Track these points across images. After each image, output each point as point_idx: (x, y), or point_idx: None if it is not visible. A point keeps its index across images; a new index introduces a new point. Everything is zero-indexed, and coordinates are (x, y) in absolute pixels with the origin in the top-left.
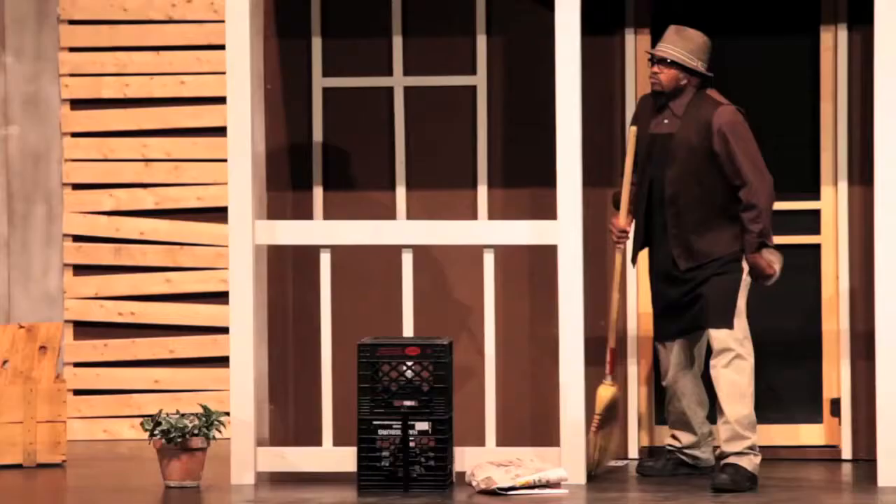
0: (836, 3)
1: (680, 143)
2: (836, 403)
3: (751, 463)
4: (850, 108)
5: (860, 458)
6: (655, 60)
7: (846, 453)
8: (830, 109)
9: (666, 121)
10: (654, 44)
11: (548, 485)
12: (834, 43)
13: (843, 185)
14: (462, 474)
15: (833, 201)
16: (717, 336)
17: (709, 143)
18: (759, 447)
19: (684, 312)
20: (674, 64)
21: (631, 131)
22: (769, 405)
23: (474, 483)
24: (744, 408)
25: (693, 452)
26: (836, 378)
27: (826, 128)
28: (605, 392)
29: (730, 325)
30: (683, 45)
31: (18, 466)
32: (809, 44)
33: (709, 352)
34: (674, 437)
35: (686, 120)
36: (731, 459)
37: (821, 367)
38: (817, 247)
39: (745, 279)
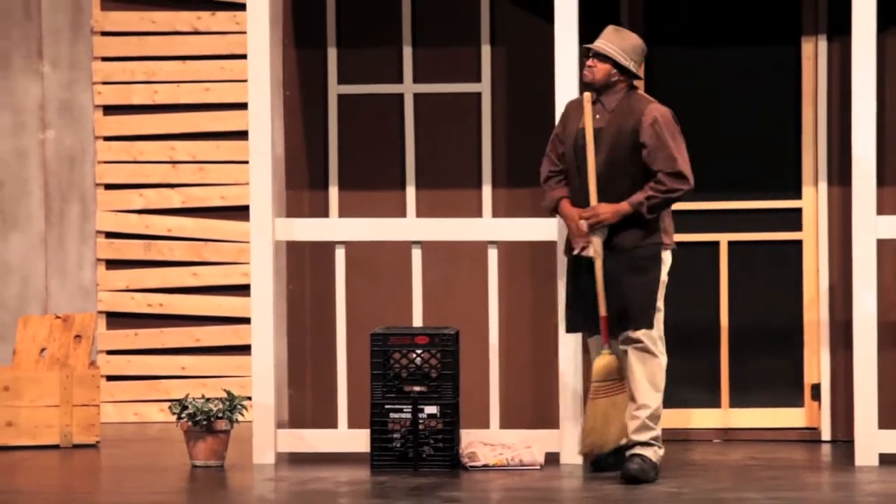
0: (816, 15)
1: (607, 136)
2: (816, 388)
3: (655, 455)
4: (830, 113)
5: (839, 440)
6: (591, 54)
7: (826, 435)
8: (811, 114)
9: (597, 116)
10: (647, 53)
11: (521, 465)
12: (815, 52)
13: (823, 186)
14: None
15: (814, 200)
16: (635, 333)
17: (636, 136)
18: (745, 429)
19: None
20: (607, 59)
21: (587, 107)
22: (754, 390)
23: (464, 456)
24: (654, 402)
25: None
26: (817, 365)
27: (807, 131)
28: (601, 360)
29: (650, 326)
30: (619, 44)
31: (55, 447)
32: (792, 53)
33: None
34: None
35: (616, 115)
36: (638, 450)
37: (802, 355)
38: (799, 243)
39: (664, 279)
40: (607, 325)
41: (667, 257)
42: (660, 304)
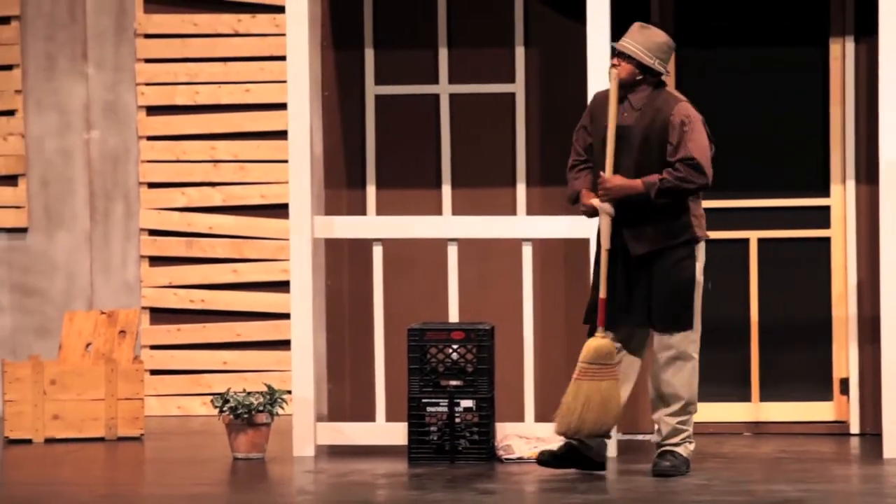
0: (844, 17)
1: (637, 134)
2: (844, 382)
3: (686, 450)
4: (857, 112)
5: (867, 433)
6: (615, 53)
7: (854, 428)
8: (839, 114)
9: (625, 114)
10: (677, 54)
11: None
12: (842, 53)
13: (851, 184)
14: None
15: (842, 198)
16: (673, 337)
17: (665, 134)
18: (775, 423)
19: (631, 302)
20: (631, 58)
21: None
22: (784, 384)
23: (499, 448)
24: (692, 407)
25: (592, 443)
26: (845, 359)
27: (835, 131)
28: (594, 342)
29: (690, 327)
30: (643, 42)
31: (101, 439)
32: (820, 54)
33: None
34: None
35: (644, 112)
36: (669, 447)
37: (831, 350)
38: (827, 240)
39: (699, 279)
40: (605, 308)
41: (700, 253)
42: (697, 303)
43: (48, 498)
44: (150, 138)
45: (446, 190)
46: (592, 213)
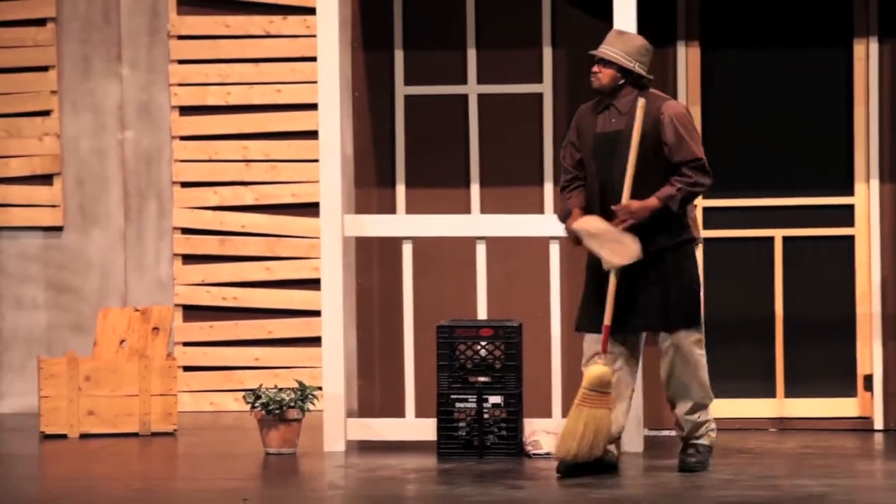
0: (868, 18)
1: (628, 137)
2: (868, 379)
3: (709, 439)
4: (881, 112)
5: (890, 429)
6: (596, 60)
7: (878, 424)
8: (863, 113)
9: (613, 119)
10: (703, 56)
11: None
12: (866, 54)
13: (875, 182)
14: None
15: (866, 197)
16: (679, 335)
17: (657, 133)
18: (799, 419)
19: (632, 307)
20: (612, 64)
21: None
22: (808, 381)
23: (527, 444)
24: (706, 400)
25: (609, 447)
26: (869, 356)
27: (859, 130)
28: (596, 370)
29: (698, 324)
30: (621, 47)
31: (135, 434)
32: (844, 54)
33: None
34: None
35: (631, 117)
36: (693, 441)
37: (855, 347)
38: (851, 238)
39: (700, 279)
40: (608, 334)
41: (698, 253)
42: (700, 302)
43: (83, 492)
44: (182, 138)
45: (475, 189)
46: (577, 240)
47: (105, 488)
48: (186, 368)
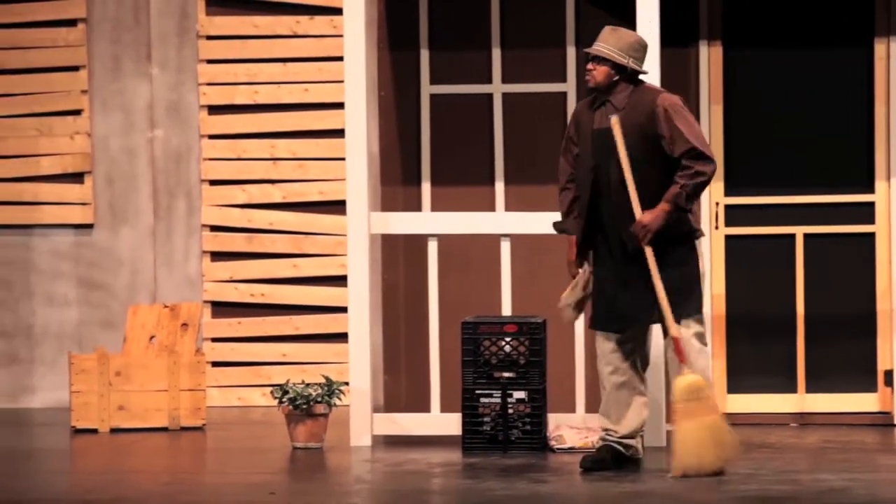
0: (888, 17)
1: (624, 131)
2: (889, 374)
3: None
4: None
5: None
6: (590, 58)
7: None
8: (884, 112)
9: (609, 116)
10: (726, 55)
11: None
12: (887, 53)
13: (895, 180)
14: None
15: (886, 194)
16: (690, 320)
17: (654, 126)
18: (820, 413)
19: (636, 301)
20: (606, 61)
21: (614, 122)
22: (829, 376)
23: (551, 439)
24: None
25: (630, 442)
26: (889, 352)
27: (879, 129)
28: (682, 380)
29: (699, 312)
30: (615, 43)
31: (164, 429)
32: (864, 54)
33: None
34: (607, 427)
35: (627, 112)
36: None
37: (875, 342)
38: (872, 235)
39: (704, 271)
40: (680, 345)
41: (701, 246)
42: (705, 296)
43: (113, 486)
44: (211, 137)
45: (499, 187)
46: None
47: (135, 482)
48: (215, 364)
